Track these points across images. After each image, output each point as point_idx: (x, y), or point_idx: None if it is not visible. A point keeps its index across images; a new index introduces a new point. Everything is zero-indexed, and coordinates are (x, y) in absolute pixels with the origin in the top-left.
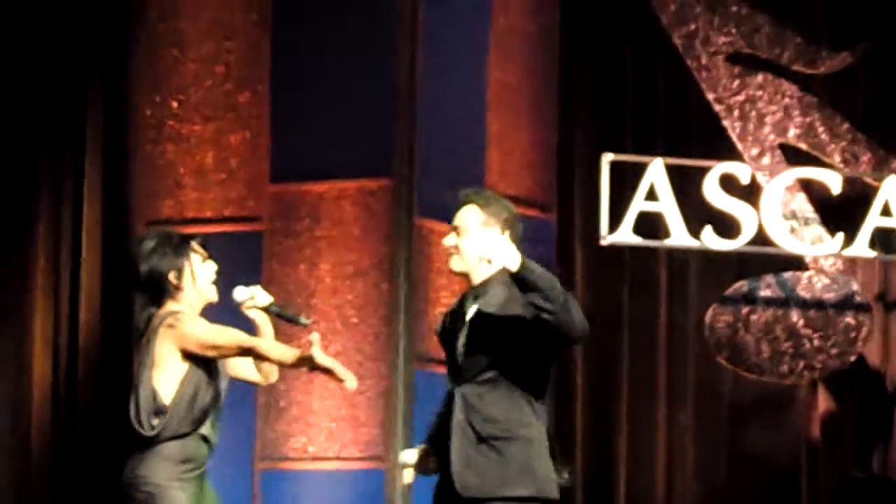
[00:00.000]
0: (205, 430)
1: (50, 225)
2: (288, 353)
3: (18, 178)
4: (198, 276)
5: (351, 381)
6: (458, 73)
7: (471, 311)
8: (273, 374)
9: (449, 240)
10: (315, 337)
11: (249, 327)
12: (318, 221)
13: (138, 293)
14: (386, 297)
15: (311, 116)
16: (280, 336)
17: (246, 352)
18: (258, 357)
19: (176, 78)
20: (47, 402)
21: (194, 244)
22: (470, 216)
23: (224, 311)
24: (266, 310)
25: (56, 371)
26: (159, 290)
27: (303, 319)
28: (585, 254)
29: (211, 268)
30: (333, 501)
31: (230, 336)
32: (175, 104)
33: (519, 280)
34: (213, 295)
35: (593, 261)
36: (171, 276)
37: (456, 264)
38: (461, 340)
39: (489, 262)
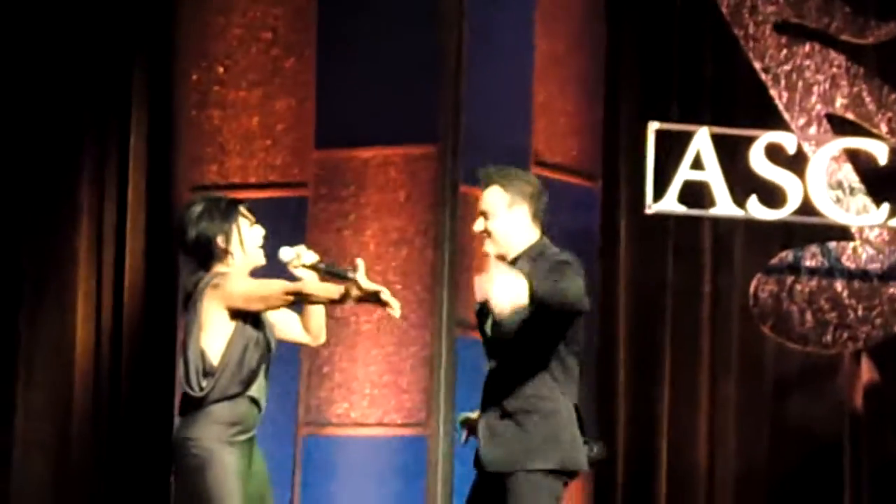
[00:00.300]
0: (254, 392)
1: (95, 190)
2: (333, 289)
3: (64, 145)
4: (245, 240)
5: (396, 308)
6: (505, 40)
7: None
8: (322, 333)
9: (478, 225)
10: (359, 263)
11: None
12: (363, 188)
13: (187, 257)
14: (430, 265)
15: (357, 83)
16: None
17: (293, 297)
18: (306, 300)
19: (222, 43)
20: (90, 371)
21: (242, 208)
22: (495, 199)
23: (271, 276)
24: (313, 268)
25: (99, 339)
26: (207, 254)
27: (350, 273)
28: (630, 223)
29: (258, 232)
30: (375, 468)
31: (274, 285)
32: (221, 70)
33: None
34: (260, 258)
35: (638, 230)
36: (219, 240)
37: (491, 248)
38: (490, 320)
39: (483, 296)
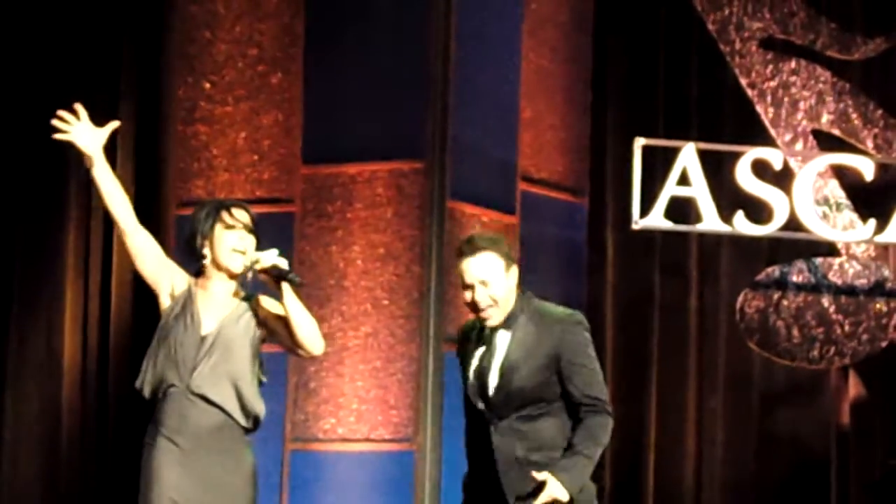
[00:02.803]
0: (201, 388)
1: (82, 205)
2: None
3: (50, 159)
4: (216, 243)
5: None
6: (493, 56)
7: (500, 349)
8: (313, 344)
9: (482, 298)
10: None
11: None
12: (350, 203)
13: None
14: (417, 280)
15: (344, 98)
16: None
17: (107, 206)
18: (102, 193)
19: (209, 59)
20: (77, 383)
21: (223, 211)
22: (493, 265)
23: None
24: (265, 272)
25: (86, 351)
26: (194, 255)
27: (298, 279)
28: (617, 238)
29: (232, 236)
30: (362, 483)
31: None
32: (208, 85)
33: None
34: (230, 263)
35: (625, 245)
36: (197, 241)
37: (496, 316)
38: (493, 378)
39: None
